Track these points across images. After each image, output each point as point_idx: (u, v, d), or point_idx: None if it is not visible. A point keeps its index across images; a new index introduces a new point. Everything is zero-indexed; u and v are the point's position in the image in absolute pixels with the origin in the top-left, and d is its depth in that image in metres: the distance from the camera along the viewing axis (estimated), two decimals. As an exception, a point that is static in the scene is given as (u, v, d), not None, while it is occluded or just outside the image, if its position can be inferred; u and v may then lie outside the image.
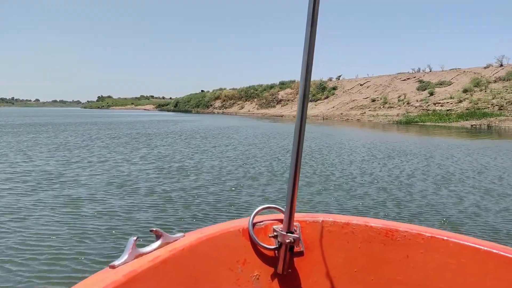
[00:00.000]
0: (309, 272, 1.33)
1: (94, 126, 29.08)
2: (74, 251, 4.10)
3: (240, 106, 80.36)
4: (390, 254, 1.30)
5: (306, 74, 1.16)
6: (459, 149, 14.48)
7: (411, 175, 8.99)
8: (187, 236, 1.14)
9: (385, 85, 55.31)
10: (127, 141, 16.96)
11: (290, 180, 1.23)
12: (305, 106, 1.19)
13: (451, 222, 5.34)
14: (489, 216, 5.61)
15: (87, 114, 69.01)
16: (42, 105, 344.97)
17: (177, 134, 22.01)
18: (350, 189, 7.33)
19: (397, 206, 6.12)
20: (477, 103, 35.26)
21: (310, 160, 11.34)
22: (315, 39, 1.13)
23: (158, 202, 6.19)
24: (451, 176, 8.77)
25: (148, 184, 7.58)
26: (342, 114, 47.17)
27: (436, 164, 10.63)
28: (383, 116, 40.47)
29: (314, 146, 15.12)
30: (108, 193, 6.80)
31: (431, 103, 40.57)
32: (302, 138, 1.20)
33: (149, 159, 11.17)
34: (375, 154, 13.04)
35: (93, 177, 8.22)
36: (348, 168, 9.95)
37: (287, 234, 1.27)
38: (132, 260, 0.95)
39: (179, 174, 8.80)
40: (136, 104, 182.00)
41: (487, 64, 46.75)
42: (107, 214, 5.51)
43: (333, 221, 1.37)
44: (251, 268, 1.24)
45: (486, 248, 1.16)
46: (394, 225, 1.33)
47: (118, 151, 13.11)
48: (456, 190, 7.31)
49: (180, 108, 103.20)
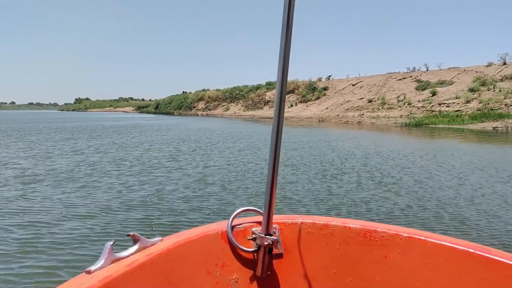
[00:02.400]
0: (288, 274, 1.31)
1: (68, 129, 24.96)
2: (49, 256, 4.03)
3: (225, 107, 76.80)
4: (369, 255, 1.28)
5: (282, 78, 1.15)
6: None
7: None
8: (165, 240, 1.11)
9: (379, 85, 52.45)
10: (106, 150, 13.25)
11: (268, 182, 1.22)
12: (282, 109, 1.18)
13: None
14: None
15: (61, 117, 64.39)
16: (18, 107, 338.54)
17: (167, 140, 18.21)
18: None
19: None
20: (488, 103, 32.45)
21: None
22: (290, 43, 1.12)
23: (135, 207, 6.05)
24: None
25: (126, 189, 7.38)
26: (338, 115, 43.88)
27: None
28: (385, 118, 37.34)
29: (344, 162, 11.52)
30: (84, 197, 6.66)
31: (435, 103, 37.68)
32: (280, 140, 1.20)
33: (125, 162, 10.77)
34: (435, 171, 9.55)
35: (68, 180, 8.12)
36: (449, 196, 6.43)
37: (266, 236, 1.24)
38: (108, 265, 0.94)
39: (158, 177, 8.61)
40: (114, 106, 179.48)
41: (488, 63, 44.32)
42: (83, 218, 5.40)
43: (312, 223, 1.36)
44: (230, 271, 1.23)
45: (462, 248, 1.15)
46: (372, 225, 1.32)
47: (94, 156, 12.05)
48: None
49: (161, 110, 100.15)
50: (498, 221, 5.25)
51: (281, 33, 1.12)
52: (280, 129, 1.18)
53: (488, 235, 4.74)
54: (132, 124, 37.53)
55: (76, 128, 29.34)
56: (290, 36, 1.12)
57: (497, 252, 1.13)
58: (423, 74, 50.09)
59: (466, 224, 5.16)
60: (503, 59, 42.53)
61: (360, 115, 41.35)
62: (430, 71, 50.83)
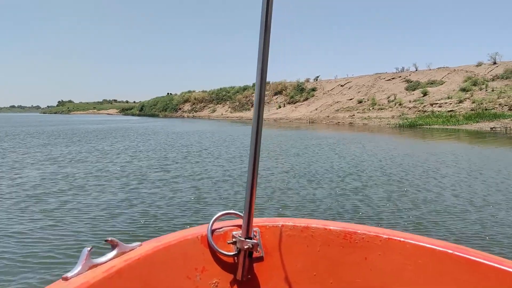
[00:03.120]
0: (268, 277, 1.31)
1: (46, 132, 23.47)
2: (25, 263, 3.97)
3: (211, 109, 75.49)
4: (349, 257, 1.28)
5: (261, 80, 1.15)
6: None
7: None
8: (144, 245, 1.10)
9: (368, 85, 51.83)
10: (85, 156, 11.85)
11: (248, 185, 1.21)
12: (261, 111, 1.17)
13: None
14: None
15: (42, 120, 62.27)
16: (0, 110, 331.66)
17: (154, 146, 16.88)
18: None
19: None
20: (482, 103, 31.90)
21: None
22: (269, 45, 1.12)
23: (114, 211, 5.91)
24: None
25: (104, 193, 7.17)
26: (328, 116, 42.97)
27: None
28: (376, 118, 36.55)
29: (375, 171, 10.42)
30: (61, 202, 6.48)
31: (427, 103, 37.07)
32: (259, 142, 1.19)
33: (102, 168, 10.39)
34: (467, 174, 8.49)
35: (45, 186, 7.89)
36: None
37: (246, 240, 1.23)
38: (85, 271, 0.93)
39: (136, 182, 8.38)
40: (98, 109, 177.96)
41: (478, 62, 44.05)
42: (61, 224, 5.27)
43: (293, 225, 1.35)
44: (210, 276, 1.22)
45: (441, 249, 1.16)
46: (353, 227, 1.31)
47: (69, 166, 10.69)
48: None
49: (146, 112, 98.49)
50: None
51: (259, 35, 1.11)
52: (259, 131, 1.17)
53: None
54: (115, 127, 35.96)
55: (55, 132, 27.68)
56: (269, 38, 1.11)
57: (476, 253, 1.12)
58: (412, 74, 49.62)
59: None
60: (493, 58, 42.29)
61: (351, 116, 40.52)
62: (419, 71, 50.37)
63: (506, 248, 4.35)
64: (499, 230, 4.95)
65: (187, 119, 62.65)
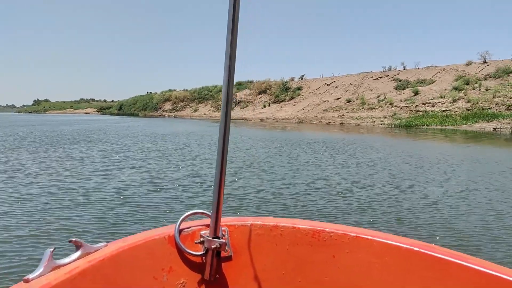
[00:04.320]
0: (237, 276, 1.29)
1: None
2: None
3: (193, 108, 73.11)
4: (317, 255, 1.28)
5: (228, 79, 1.13)
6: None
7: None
8: (110, 246, 1.08)
9: (356, 84, 50.49)
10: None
11: (215, 184, 1.20)
12: (229, 111, 1.16)
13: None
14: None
15: (14, 120, 58.83)
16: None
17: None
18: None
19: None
20: (477, 103, 30.76)
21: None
22: (236, 44, 1.11)
23: (80, 211, 5.65)
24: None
25: (69, 192, 6.85)
26: (317, 116, 41.33)
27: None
28: (368, 118, 35.09)
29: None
30: (25, 201, 6.20)
31: (419, 103, 35.84)
32: (227, 142, 1.18)
33: (69, 165, 10.09)
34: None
35: (7, 186, 7.47)
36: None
37: (213, 239, 1.22)
38: (48, 272, 0.91)
39: (105, 180, 8.03)
40: (75, 108, 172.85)
41: (467, 61, 43.17)
42: (23, 224, 5.01)
43: (262, 224, 1.34)
44: (177, 276, 1.20)
45: (407, 246, 1.15)
46: (321, 226, 1.31)
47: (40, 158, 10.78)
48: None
49: (125, 112, 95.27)
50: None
51: (227, 33, 1.09)
52: (227, 130, 1.17)
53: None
54: (93, 128, 33.46)
55: (24, 134, 24.99)
56: (236, 37, 1.10)
57: (439, 249, 1.13)
58: (400, 73, 48.50)
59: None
60: (483, 57, 41.43)
61: (341, 115, 38.98)
62: (407, 70, 49.30)
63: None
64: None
65: (168, 119, 60.15)
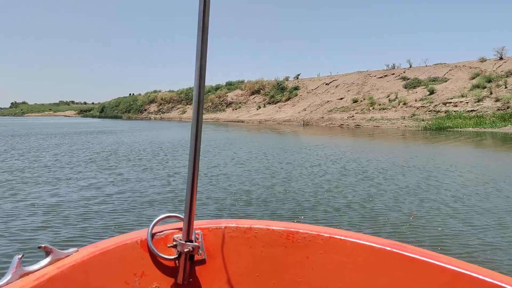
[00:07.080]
0: (211, 280, 1.28)
1: None
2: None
3: (181, 110, 68.67)
4: (291, 257, 1.28)
5: (199, 80, 1.13)
6: None
7: None
8: (80, 251, 1.07)
9: (359, 83, 46.99)
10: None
11: (188, 187, 1.18)
12: (200, 112, 1.15)
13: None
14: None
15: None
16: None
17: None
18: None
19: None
20: (508, 101, 27.41)
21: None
22: (207, 45, 1.11)
23: (50, 216, 5.46)
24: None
25: (37, 198, 6.61)
26: (323, 118, 37.51)
27: None
28: (383, 120, 31.45)
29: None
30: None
31: (438, 103, 32.40)
32: (199, 144, 1.18)
33: (40, 171, 9.43)
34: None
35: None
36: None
37: (186, 243, 1.21)
38: (16, 279, 0.90)
39: (76, 185, 7.70)
40: (54, 110, 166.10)
41: (481, 58, 40.05)
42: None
43: (236, 227, 1.33)
44: (150, 280, 1.18)
45: (379, 246, 1.15)
46: (295, 227, 1.31)
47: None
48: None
49: (107, 114, 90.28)
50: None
51: (197, 34, 1.08)
52: (199, 132, 1.16)
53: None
54: (67, 132, 28.95)
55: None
56: (207, 38, 1.09)
57: (412, 249, 1.13)
58: (407, 71, 45.17)
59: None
60: (499, 53, 38.29)
61: (350, 117, 35.26)
62: (414, 67, 46.00)
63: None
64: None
65: (154, 121, 55.64)
